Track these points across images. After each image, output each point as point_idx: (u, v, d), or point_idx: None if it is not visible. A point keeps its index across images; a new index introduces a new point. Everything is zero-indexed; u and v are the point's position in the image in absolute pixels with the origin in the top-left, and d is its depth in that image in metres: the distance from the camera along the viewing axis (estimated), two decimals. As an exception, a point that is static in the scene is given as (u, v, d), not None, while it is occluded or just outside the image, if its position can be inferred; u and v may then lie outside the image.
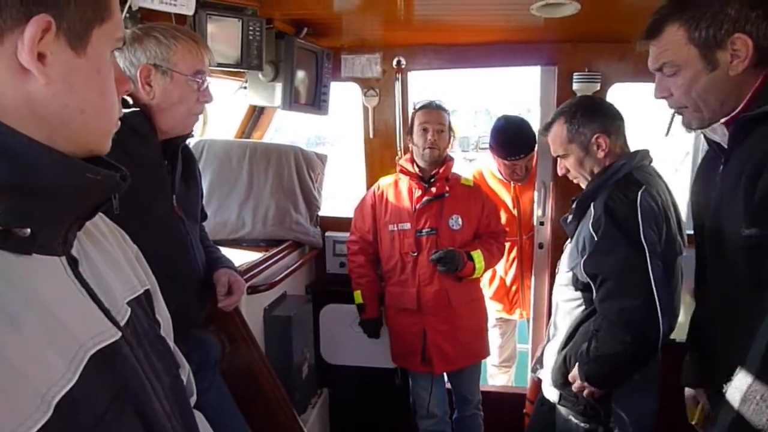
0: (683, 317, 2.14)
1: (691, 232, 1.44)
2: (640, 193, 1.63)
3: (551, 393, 1.90)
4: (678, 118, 1.33)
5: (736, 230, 1.13)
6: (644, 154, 1.81)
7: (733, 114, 1.18)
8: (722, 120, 1.21)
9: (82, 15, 0.59)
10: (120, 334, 0.66)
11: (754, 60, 1.13)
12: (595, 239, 1.67)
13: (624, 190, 1.66)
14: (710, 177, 1.30)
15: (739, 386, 0.95)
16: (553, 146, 1.89)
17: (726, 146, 1.23)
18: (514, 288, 3.25)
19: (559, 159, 1.89)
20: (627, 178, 1.72)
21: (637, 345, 1.62)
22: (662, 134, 2.24)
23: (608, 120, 1.80)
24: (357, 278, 2.67)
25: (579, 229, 1.79)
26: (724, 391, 1.01)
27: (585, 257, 1.71)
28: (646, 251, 1.58)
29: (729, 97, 1.18)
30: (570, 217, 1.86)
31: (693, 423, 1.53)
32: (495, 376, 3.63)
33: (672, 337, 1.83)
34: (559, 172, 1.91)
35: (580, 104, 1.84)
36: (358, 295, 2.67)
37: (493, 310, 3.33)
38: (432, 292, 2.49)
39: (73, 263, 0.65)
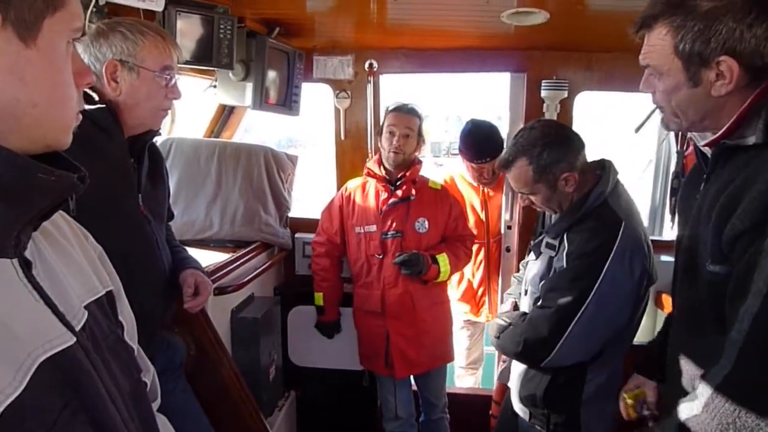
0: (645, 319, 2.20)
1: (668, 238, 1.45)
2: (620, 234, 1.60)
3: (520, 409, 1.91)
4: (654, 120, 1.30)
5: (704, 261, 1.09)
6: (613, 172, 1.75)
7: (713, 138, 1.12)
8: (702, 143, 1.16)
9: (31, 4, 0.57)
10: (75, 339, 0.63)
11: (743, 82, 1.03)
12: (563, 267, 1.69)
13: (603, 228, 1.63)
14: (694, 190, 1.24)
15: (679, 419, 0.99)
16: (516, 184, 1.79)
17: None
18: (480, 290, 3.30)
19: (521, 194, 1.83)
20: (604, 208, 1.67)
21: (523, 356, 1.79)
22: (632, 133, 2.24)
23: (573, 154, 1.70)
24: (320, 281, 2.68)
25: (554, 259, 1.76)
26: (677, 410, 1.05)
27: (549, 279, 1.74)
28: (589, 298, 1.60)
29: (710, 114, 1.10)
30: (542, 245, 1.83)
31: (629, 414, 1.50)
32: (462, 377, 3.66)
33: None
34: (522, 204, 1.87)
35: (544, 142, 1.70)
36: (318, 297, 2.69)
37: (461, 311, 3.37)
38: (396, 295, 2.49)
39: (26, 266, 0.62)
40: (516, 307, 2.03)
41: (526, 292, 1.92)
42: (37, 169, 0.58)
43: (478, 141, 3.01)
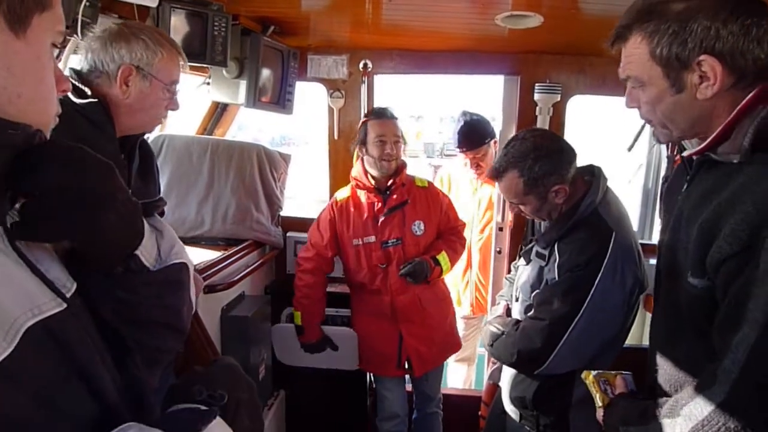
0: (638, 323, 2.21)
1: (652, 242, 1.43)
2: (611, 246, 1.60)
3: (511, 409, 1.91)
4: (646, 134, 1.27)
5: (684, 272, 1.07)
6: (603, 179, 1.74)
7: (698, 149, 1.08)
8: (687, 153, 1.12)
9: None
10: (65, 305, 0.64)
11: (729, 82, 0.98)
12: (556, 280, 1.69)
13: (594, 239, 1.63)
14: (676, 191, 1.22)
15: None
16: (506, 194, 1.81)
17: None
18: (464, 281, 3.39)
19: (511, 203, 1.85)
20: (595, 217, 1.67)
21: (517, 366, 1.79)
22: (625, 147, 2.22)
23: (564, 166, 1.69)
24: (300, 297, 2.58)
25: (545, 269, 1.76)
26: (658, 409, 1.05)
27: (541, 290, 1.74)
28: (581, 311, 1.61)
29: (700, 120, 1.05)
30: (533, 253, 1.84)
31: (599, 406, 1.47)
32: (455, 370, 3.68)
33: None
34: (511, 212, 1.88)
35: (536, 154, 1.68)
36: (297, 316, 2.60)
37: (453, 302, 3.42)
38: (406, 300, 2.48)
39: (11, 235, 0.63)
40: (509, 310, 2.03)
41: (517, 298, 1.92)
42: (8, 126, 0.60)
43: (459, 130, 3.20)
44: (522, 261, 1.94)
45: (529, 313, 1.76)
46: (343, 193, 2.59)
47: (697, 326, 1.06)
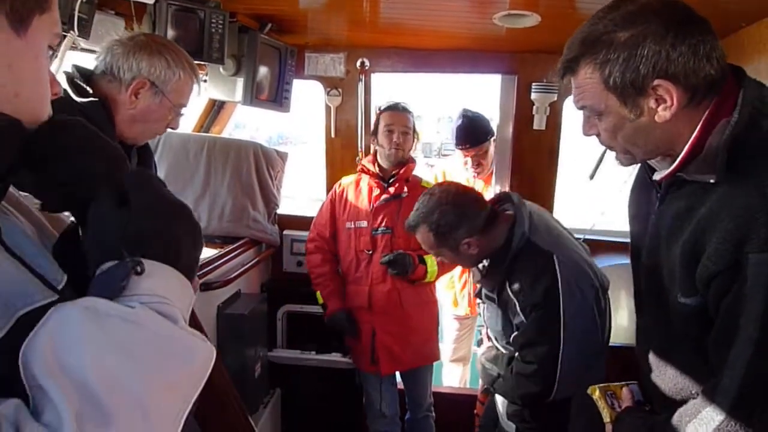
0: (627, 321, 2.21)
1: (626, 240, 1.38)
2: (558, 271, 1.63)
3: (507, 423, 1.93)
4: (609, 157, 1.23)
5: (673, 292, 1.07)
6: (524, 206, 1.77)
7: (670, 171, 1.07)
8: (658, 177, 1.13)
9: (24, 0, 0.60)
10: (57, 296, 0.64)
11: (684, 100, 0.99)
12: (525, 322, 1.71)
13: (539, 270, 1.66)
14: (645, 200, 1.23)
15: None
16: (423, 246, 1.88)
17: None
18: (461, 281, 3.37)
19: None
20: (529, 247, 1.69)
21: (526, 406, 1.82)
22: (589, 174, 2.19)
23: (470, 219, 1.73)
24: (315, 278, 2.64)
25: (509, 313, 1.77)
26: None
27: (517, 335, 1.76)
28: (561, 343, 1.63)
29: (662, 140, 1.06)
30: (483, 295, 1.88)
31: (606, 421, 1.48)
32: (450, 372, 3.68)
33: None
34: (436, 260, 1.98)
35: (441, 210, 1.74)
36: (319, 296, 2.63)
37: (447, 303, 3.43)
38: (384, 292, 2.49)
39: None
40: None
41: (496, 338, 1.93)
42: None
43: (460, 127, 3.16)
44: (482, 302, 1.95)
45: (517, 354, 1.78)
46: (348, 178, 2.67)
47: (693, 337, 1.07)
